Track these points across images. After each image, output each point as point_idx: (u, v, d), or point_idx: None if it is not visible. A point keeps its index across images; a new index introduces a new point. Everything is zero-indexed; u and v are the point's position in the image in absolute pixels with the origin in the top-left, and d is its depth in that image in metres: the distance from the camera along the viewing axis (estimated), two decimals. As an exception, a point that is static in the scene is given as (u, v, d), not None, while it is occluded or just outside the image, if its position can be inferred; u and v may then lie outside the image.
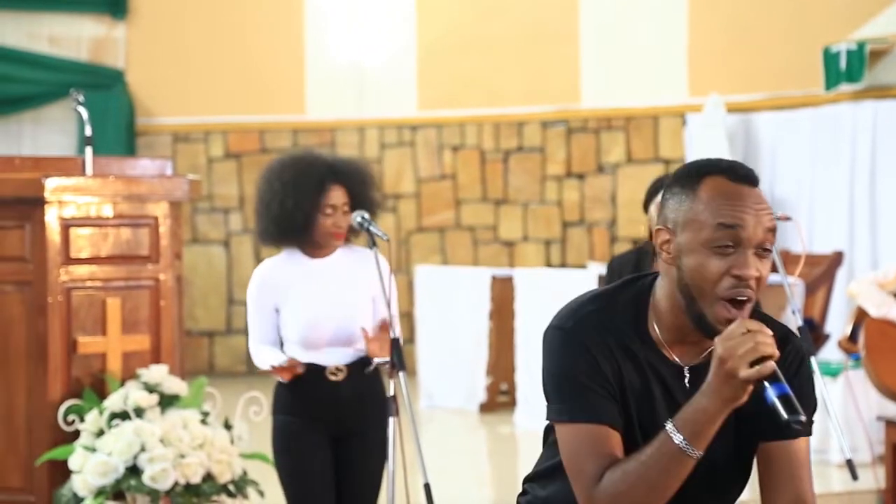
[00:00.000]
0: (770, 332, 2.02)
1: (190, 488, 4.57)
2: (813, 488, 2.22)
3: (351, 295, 4.09)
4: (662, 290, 2.18)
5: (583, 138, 11.02)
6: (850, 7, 9.82)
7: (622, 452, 2.15)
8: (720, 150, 10.00)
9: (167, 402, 4.72)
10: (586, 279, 8.09)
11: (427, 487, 3.62)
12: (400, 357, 3.74)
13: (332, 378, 4.02)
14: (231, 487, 4.70)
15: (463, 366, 8.99)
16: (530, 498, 2.41)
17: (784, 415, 1.97)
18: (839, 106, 9.72)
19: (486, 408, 8.88)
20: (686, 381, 2.19)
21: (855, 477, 4.48)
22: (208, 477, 4.62)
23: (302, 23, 11.33)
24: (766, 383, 1.98)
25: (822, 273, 7.69)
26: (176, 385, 4.77)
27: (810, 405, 2.22)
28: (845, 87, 9.60)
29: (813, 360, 4.35)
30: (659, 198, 4.21)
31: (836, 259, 7.86)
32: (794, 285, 6.87)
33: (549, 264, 10.97)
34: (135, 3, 11.32)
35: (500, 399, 8.96)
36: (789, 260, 7.32)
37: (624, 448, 2.16)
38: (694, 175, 2.17)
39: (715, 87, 10.19)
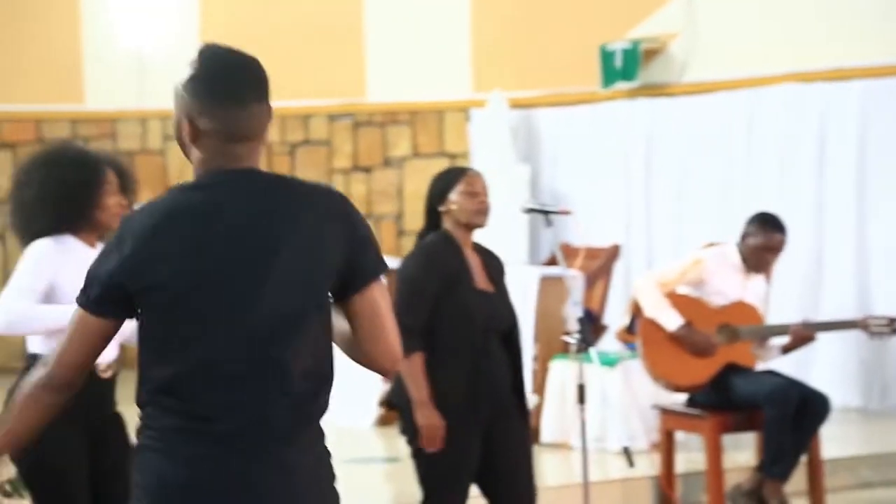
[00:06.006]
0: None
1: (-37, 491, 4.40)
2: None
3: None
4: None
5: (369, 132, 11.05)
6: (625, 7, 10.13)
7: None
8: (503, 144, 10.19)
9: (-63, 402, 4.53)
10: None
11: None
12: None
13: (104, 376, 3.88)
14: (7, 487, 4.54)
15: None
16: None
17: None
18: (616, 103, 10.02)
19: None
20: None
21: (631, 464, 4.63)
22: (-18, 479, 4.45)
23: (78, 7, 11.00)
24: None
25: (601, 266, 7.91)
26: (-53, 385, 4.57)
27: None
28: (621, 85, 9.91)
29: (592, 350, 4.49)
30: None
31: (614, 252, 8.09)
32: (574, 278, 7.05)
33: (335, 257, 10.95)
34: None
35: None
36: (569, 253, 7.50)
37: None
38: None
39: (498, 83, 10.37)
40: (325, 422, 2.46)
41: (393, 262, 10.02)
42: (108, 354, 3.89)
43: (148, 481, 2.35)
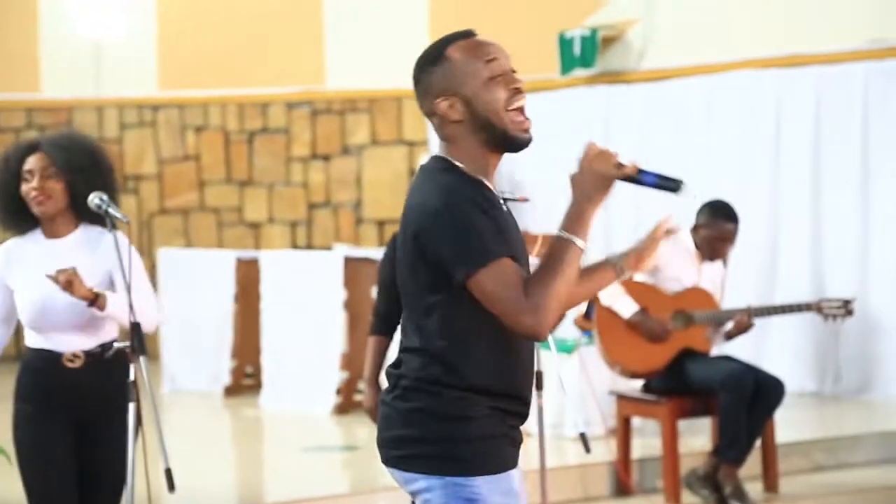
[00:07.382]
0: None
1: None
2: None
3: (86, 277, 3.92)
4: (459, 149, 2.68)
5: (328, 120, 11.04)
6: (584, -6, 10.18)
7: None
8: (462, 132, 10.20)
9: None
10: (332, 260, 8.12)
11: (168, 472, 3.58)
12: (141, 341, 3.66)
13: (70, 365, 3.88)
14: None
15: (207, 349, 8.90)
16: (435, 377, 2.62)
17: (673, 184, 2.63)
18: (574, 90, 10.05)
19: (232, 391, 8.82)
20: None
21: (588, 450, 4.66)
22: (-63, 471, 4.43)
23: (35, -4, 10.93)
24: (637, 176, 2.64)
25: (559, 253, 7.94)
26: None
27: None
28: (580, 73, 9.94)
29: (550, 336, 4.50)
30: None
31: (572, 239, 8.12)
32: (532, 265, 7.07)
33: (295, 246, 10.96)
34: None
35: (245, 382, 8.91)
36: (528, 240, 7.49)
37: None
38: (439, 51, 2.67)
39: (456, 71, 10.37)
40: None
41: (352, 251, 9.97)
42: (72, 344, 3.89)
43: None
